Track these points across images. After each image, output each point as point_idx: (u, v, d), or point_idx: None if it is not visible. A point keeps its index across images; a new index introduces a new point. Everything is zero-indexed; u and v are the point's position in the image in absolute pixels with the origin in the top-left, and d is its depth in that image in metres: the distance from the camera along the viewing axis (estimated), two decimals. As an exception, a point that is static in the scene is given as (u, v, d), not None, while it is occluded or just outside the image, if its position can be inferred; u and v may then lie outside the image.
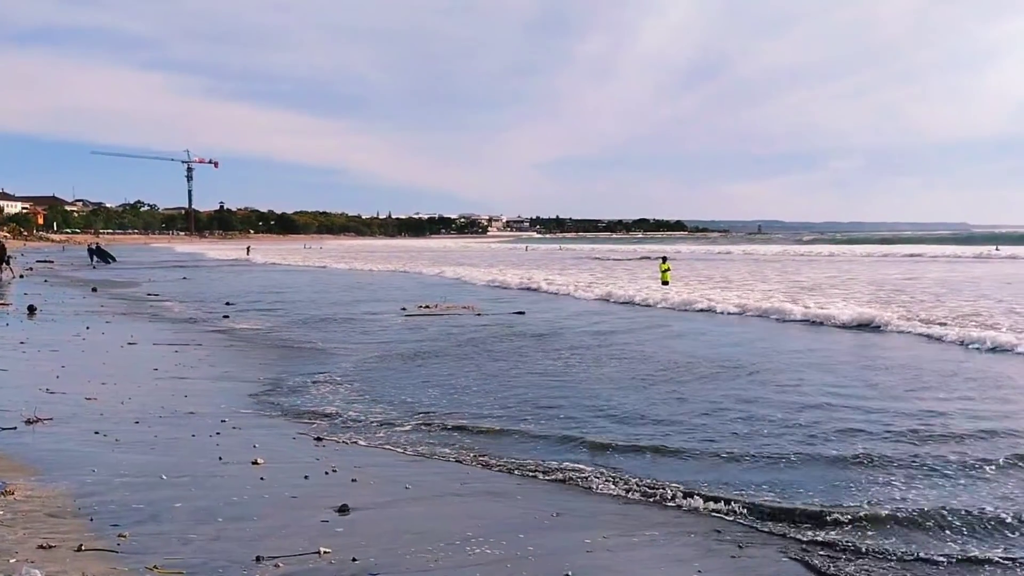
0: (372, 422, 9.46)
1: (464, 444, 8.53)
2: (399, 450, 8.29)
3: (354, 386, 11.70)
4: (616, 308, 24.57)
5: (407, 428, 9.21)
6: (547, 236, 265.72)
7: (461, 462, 7.90)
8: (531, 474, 7.49)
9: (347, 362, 13.94)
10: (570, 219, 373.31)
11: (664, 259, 36.45)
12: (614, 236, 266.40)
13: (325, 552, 5.31)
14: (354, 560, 5.21)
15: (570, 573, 5.16)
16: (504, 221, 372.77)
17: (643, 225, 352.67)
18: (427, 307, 24.70)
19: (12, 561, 4.91)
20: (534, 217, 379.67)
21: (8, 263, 41.75)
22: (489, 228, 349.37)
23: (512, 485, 7.17)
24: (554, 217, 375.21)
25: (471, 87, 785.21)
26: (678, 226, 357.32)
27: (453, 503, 6.58)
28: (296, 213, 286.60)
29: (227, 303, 26.15)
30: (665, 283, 32.90)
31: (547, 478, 7.39)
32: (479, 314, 22.72)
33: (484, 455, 8.08)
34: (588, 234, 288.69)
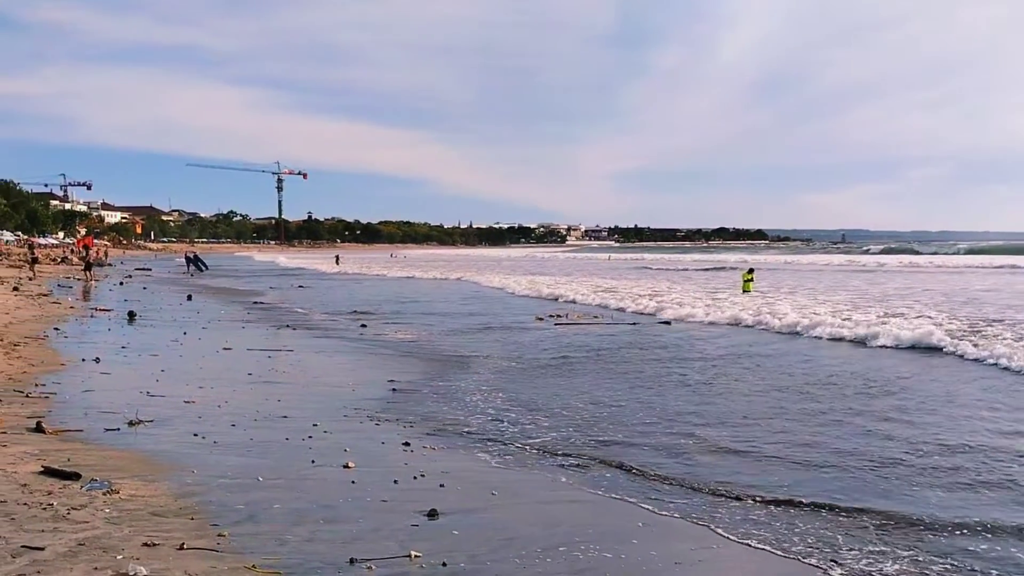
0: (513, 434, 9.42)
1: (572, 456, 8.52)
2: (484, 456, 8.31)
3: (499, 395, 11.76)
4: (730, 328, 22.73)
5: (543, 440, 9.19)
6: (626, 245, 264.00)
7: (563, 467, 7.89)
8: (625, 483, 7.44)
9: (486, 370, 14.09)
10: (648, 228, 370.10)
11: (751, 270, 36.02)
12: (696, 245, 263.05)
13: (416, 556, 5.35)
14: (444, 565, 5.23)
15: (659, 584, 5.10)
16: (583, 231, 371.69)
17: (723, 234, 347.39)
18: (558, 315, 24.88)
19: (119, 558, 5.05)
20: (612, 226, 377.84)
21: (90, 270, 43.31)
22: (568, 237, 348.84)
23: (599, 495, 7.10)
24: (632, 227, 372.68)
25: (548, 100, 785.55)
26: (759, 235, 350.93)
27: (541, 510, 6.55)
28: (381, 223, 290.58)
29: (354, 310, 26.50)
30: (745, 291, 32.63)
31: (637, 488, 7.33)
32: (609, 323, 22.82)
33: (583, 465, 8.04)
34: (667, 243, 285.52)
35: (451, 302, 31.79)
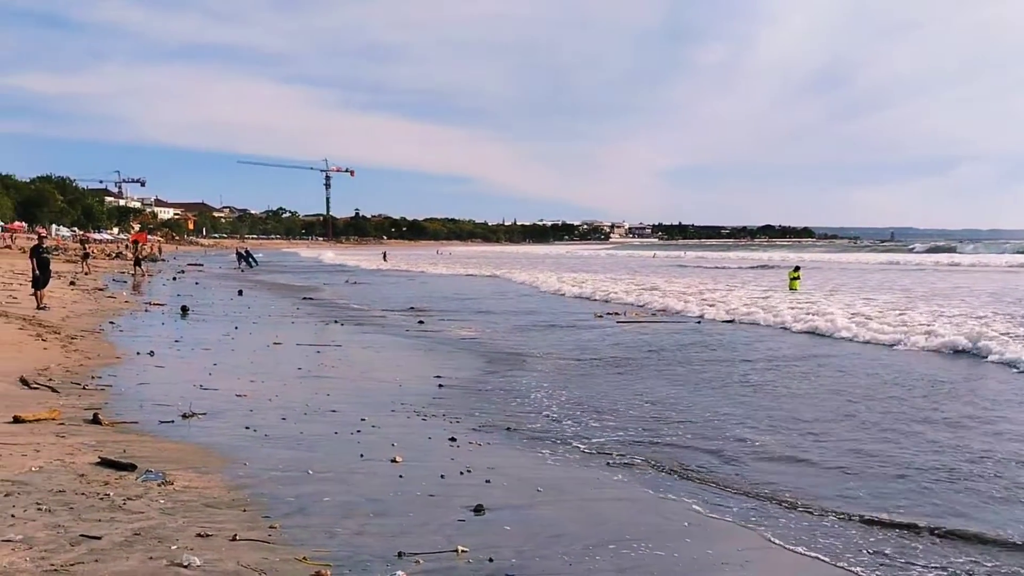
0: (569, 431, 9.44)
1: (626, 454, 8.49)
2: (531, 452, 8.30)
3: (551, 392, 11.74)
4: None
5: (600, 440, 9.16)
6: (669, 243, 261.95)
7: (609, 465, 7.87)
8: (674, 484, 7.39)
9: (542, 368, 14.07)
10: (692, 226, 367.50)
11: (796, 268, 35.84)
12: (741, 243, 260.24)
13: (463, 551, 5.36)
14: (491, 560, 5.24)
15: (706, 584, 5.05)
16: (626, 228, 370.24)
17: (768, 232, 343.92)
18: (616, 313, 24.91)
19: (173, 548, 5.13)
20: (656, 224, 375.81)
21: (140, 265, 44.04)
22: (611, 235, 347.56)
23: (646, 493, 7.06)
24: (676, 224, 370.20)
25: (592, 97, 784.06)
26: (805, 233, 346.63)
27: (587, 508, 6.52)
28: (426, 220, 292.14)
29: (411, 307, 26.65)
30: (792, 290, 32.46)
31: (687, 490, 7.27)
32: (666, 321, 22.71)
33: (631, 464, 7.99)
34: (711, 241, 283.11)
35: (506, 299, 31.91)
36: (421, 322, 21.98)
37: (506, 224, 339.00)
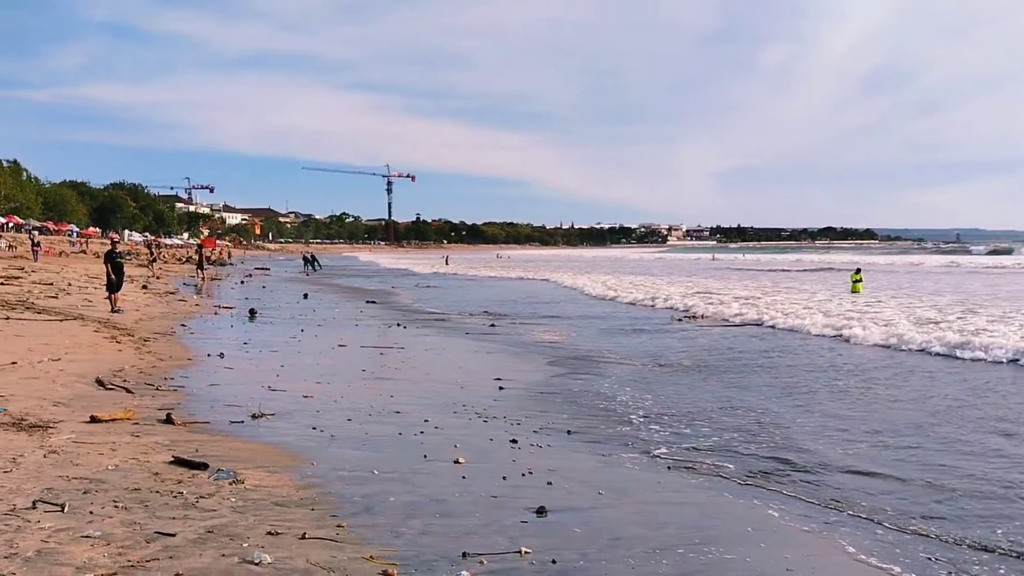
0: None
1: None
2: (592, 455, 8.26)
3: (619, 395, 11.68)
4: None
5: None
6: (728, 245, 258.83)
7: (670, 468, 7.79)
8: (741, 489, 7.29)
9: (615, 371, 13.98)
10: (752, 228, 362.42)
11: (858, 270, 35.26)
12: (801, 245, 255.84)
13: (526, 552, 5.35)
14: (554, 562, 5.22)
15: (771, 589, 4.96)
16: (684, 231, 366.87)
17: (830, 234, 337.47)
18: (693, 317, 24.79)
19: (244, 545, 5.22)
20: (714, 226, 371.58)
21: (203, 269, 44.88)
22: (668, 237, 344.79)
23: (709, 497, 6.98)
24: (735, 226, 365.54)
25: (650, 99, 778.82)
26: (867, 235, 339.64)
27: (648, 511, 6.46)
28: (485, 224, 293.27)
29: (485, 311, 26.73)
30: (855, 292, 32.03)
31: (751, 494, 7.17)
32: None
33: (690, 465, 7.92)
34: (771, 243, 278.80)
35: (573, 303, 31.79)
36: (493, 325, 22.11)
37: (563, 227, 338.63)
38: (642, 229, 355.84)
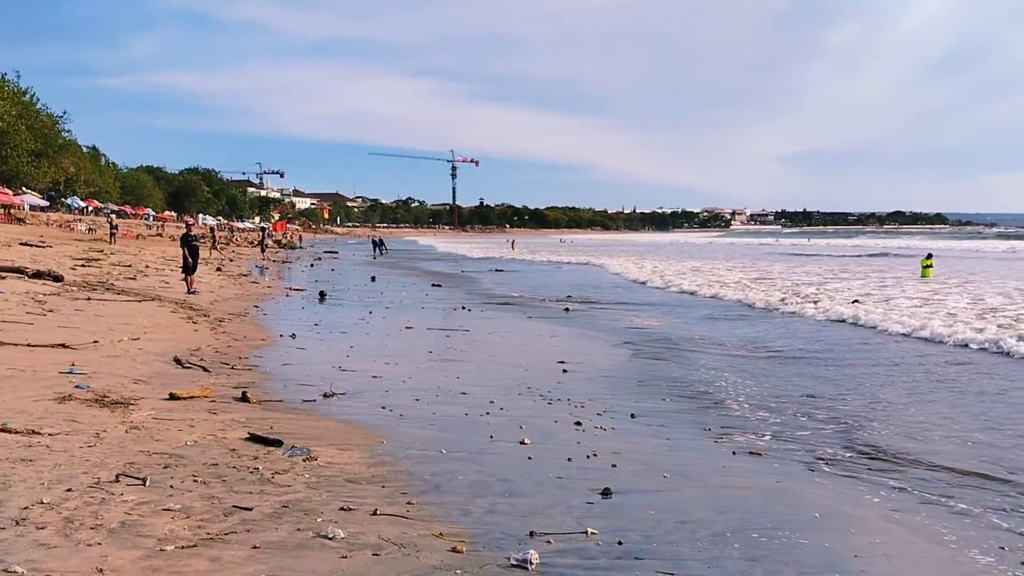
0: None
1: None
2: (655, 439, 8.20)
3: (697, 382, 11.55)
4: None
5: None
6: (793, 231, 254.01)
7: (735, 453, 7.70)
8: (808, 475, 7.17)
9: (690, 356, 13.81)
10: (818, 212, 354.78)
11: (929, 255, 34.42)
12: (869, 230, 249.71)
13: (592, 533, 5.34)
14: (620, 543, 5.21)
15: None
16: (748, 215, 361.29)
17: (898, 218, 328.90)
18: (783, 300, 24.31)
19: (318, 520, 5.32)
20: (779, 211, 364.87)
21: (265, 251, 45.79)
22: (732, 222, 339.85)
23: (774, 483, 6.87)
24: (801, 211, 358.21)
25: (715, 82, 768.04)
26: (938, 219, 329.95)
27: (713, 495, 6.39)
28: (547, 208, 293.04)
29: (568, 296, 26.71)
30: (925, 277, 31.31)
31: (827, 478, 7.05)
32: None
33: (757, 452, 7.80)
34: (839, 227, 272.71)
35: (641, 291, 31.30)
36: (567, 309, 22.08)
37: (625, 212, 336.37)
38: (705, 213, 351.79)
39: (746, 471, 7.13)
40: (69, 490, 5.55)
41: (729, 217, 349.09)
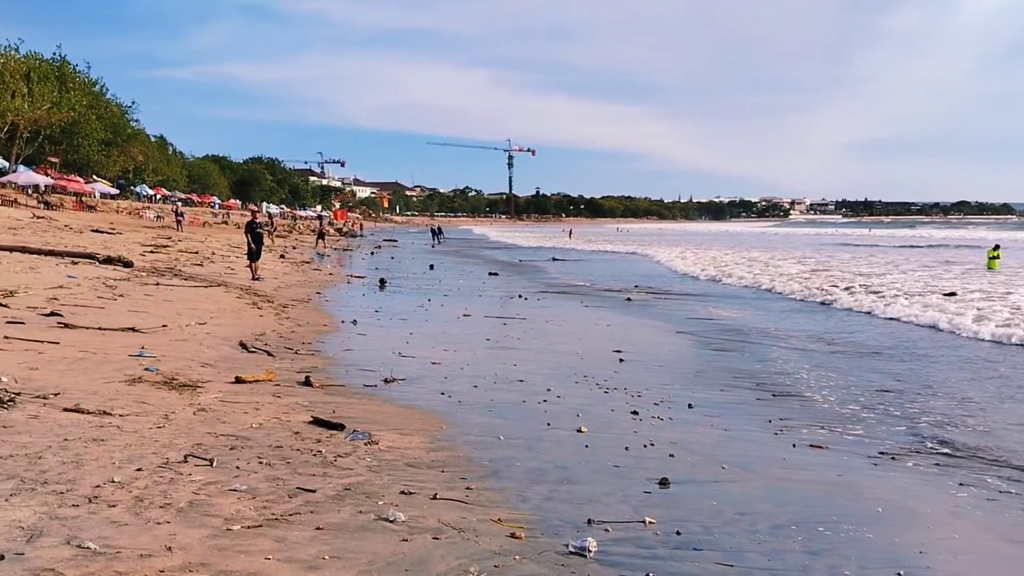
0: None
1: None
2: (714, 430, 8.10)
3: (762, 372, 11.47)
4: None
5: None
6: (854, 220, 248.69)
7: (795, 445, 7.55)
8: (871, 468, 7.01)
9: (751, 348, 13.56)
10: (879, 202, 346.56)
11: (996, 247, 33.42)
12: (931, 220, 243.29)
13: (650, 523, 5.30)
14: (678, 533, 5.15)
15: (902, 572, 4.76)
16: (807, 204, 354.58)
17: (963, 208, 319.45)
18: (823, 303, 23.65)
19: (380, 503, 5.36)
20: (840, 200, 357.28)
21: (323, 238, 46.29)
22: (791, 212, 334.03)
23: (836, 477, 6.72)
24: (862, 200, 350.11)
25: (773, 70, 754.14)
26: (1004, 209, 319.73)
27: (773, 487, 6.29)
28: (603, 198, 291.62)
29: (644, 285, 26.51)
30: (991, 269, 30.40)
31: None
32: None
33: (818, 445, 7.64)
34: (900, 217, 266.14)
35: (699, 282, 30.68)
36: (629, 299, 21.93)
37: (681, 201, 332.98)
38: (763, 203, 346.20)
39: (807, 464, 7.00)
40: (139, 470, 5.69)
41: (788, 207, 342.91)
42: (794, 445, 7.57)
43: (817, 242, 75.93)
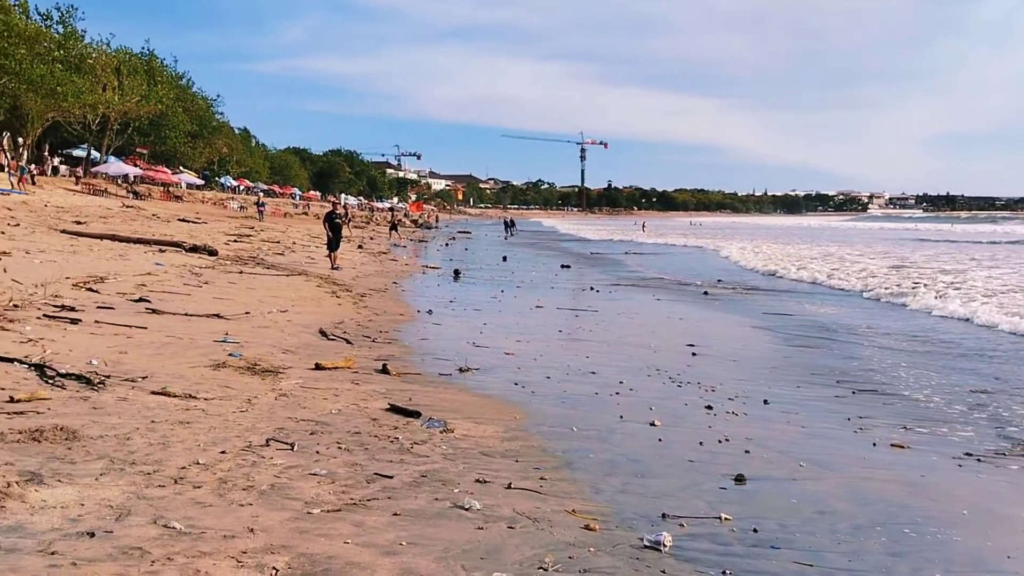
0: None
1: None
2: (791, 427, 7.90)
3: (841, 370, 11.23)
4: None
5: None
6: (935, 215, 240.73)
7: (875, 444, 7.32)
8: (953, 468, 6.76)
9: (833, 345, 13.06)
10: (962, 196, 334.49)
11: None
12: (1016, 215, 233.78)
13: (726, 519, 5.20)
14: (755, 531, 5.04)
15: (991, 577, 4.58)
16: (886, 198, 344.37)
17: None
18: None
19: (455, 491, 5.38)
20: (920, 194, 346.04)
21: (396, 229, 46.71)
22: (869, 206, 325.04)
23: (920, 478, 6.47)
24: (943, 194, 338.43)
25: (851, 62, 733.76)
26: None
27: (852, 486, 6.09)
28: (676, 191, 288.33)
29: (718, 280, 26.06)
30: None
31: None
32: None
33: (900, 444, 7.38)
34: (982, 212, 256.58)
35: (780, 279, 29.09)
36: (706, 293, 21.59)
37: (756, 194, 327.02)
38: (840, 196, 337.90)
39: (888, 463, 6.78)
40: (223, 452, 5.82)
41: (866, 200, 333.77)
42: (874, 444, 7.33)
43: (898, 237, 73.73)
